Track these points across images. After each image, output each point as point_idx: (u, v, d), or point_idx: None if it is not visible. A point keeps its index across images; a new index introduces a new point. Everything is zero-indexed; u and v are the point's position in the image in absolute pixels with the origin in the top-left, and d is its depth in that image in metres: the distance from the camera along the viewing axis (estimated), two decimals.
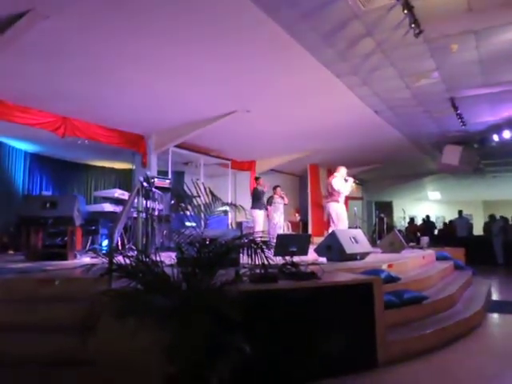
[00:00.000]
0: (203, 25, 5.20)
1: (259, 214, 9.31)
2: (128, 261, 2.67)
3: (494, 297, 6.75)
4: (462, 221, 15.01)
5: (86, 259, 5.86)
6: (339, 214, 7.78)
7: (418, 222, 16.97)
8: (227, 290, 2.57)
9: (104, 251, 5.76)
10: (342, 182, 7.83)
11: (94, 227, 7.72)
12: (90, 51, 5.71)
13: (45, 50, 5.59)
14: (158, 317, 2.40)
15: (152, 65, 6.24)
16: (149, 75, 6.58)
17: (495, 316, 5.50)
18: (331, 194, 7.88)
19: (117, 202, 8.24)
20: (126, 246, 6.63)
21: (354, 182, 8.21)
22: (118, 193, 8.51)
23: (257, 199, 9.39)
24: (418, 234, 12.56)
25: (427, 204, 21.66)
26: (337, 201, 7.79)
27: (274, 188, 9.73)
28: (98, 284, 2.68)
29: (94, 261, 2.82)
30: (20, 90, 6.83)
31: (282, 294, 3.27)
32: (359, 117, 9.05)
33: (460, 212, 15.17)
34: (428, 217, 16.61)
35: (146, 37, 5.43)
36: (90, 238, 7.80)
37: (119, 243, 6.71)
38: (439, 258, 7.80)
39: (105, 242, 7.81)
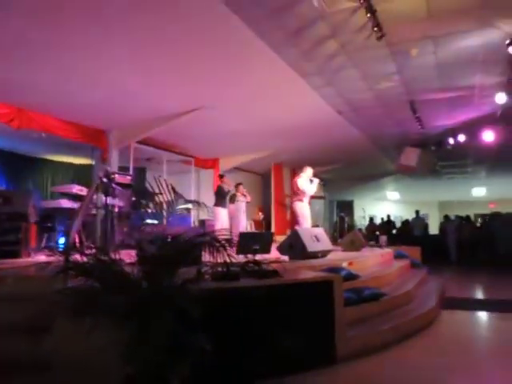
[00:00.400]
0: (167, 21, 5.11)
1: (222, 212, 9.26)
2: (85, 259, 2.58)
3: (448, 293, 7.01)
4: (419, 220, 15.54)
5: (41, 257, 5.65)
6: (303, 213, 7.89)
7: (378, 221, 17.44)
8: (188, 288, 2.54)
9: (60, 249, 5.57)
10: (308, 182, 7.94)
11: (50, 224, 7.43)
12: (48, 40, 5.47)
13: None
14: (116, 316, 2.34)
15: (114, 58, 6.07)
16: (111, 68, 6.39)
17: (449, 312, 5.71)
18: (296, 193, 7.99)
19: (75, 197, 7.95)
20: (84, 244, 6.43)
21: (319, 182, 8.36)
22: (77, 188, 8.23)
23: (221, 197, 9.34)
24: (377, 233, 12.93)
25: (386, 204, 22.34)
26: (301, 200, 7.90)
27: (237, 186, 9.71)
28: (53, 283, 2.58)
29: (50, 259, 2.71)
30: None
31: (244, 292, 3.27)
32: (322, 117, 9.17)
33: (417, 212, 15.70)
34: (388, 216, 17.10)
35: (107, 28, 5.27)
36: (46, 235, 7.50)
37: (77, 241, 6.49)
38: (397, 257, 8.04)
39: (61, 240, 7.55)
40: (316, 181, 8.07)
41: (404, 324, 4.48)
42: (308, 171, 8.05)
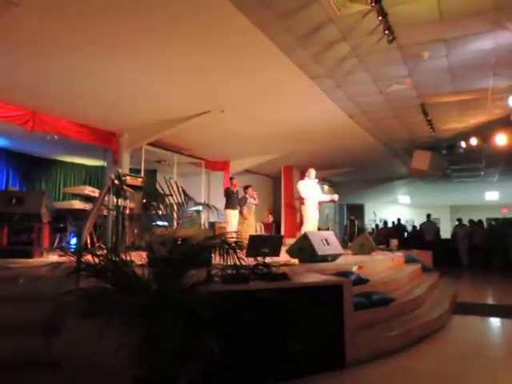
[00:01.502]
0: (177, 23, 5.15)
1: (231, 214, 9.28)
2: (97, 260, 2.61)
3: (460, 299, 6.94)
4: (430, 224, 15.41)
5: (53, 257, 5.71)
6: (305, 215, 7.89)
7: (389, 225, 17.34)
8: (198, 291, 2.55)
9: (72, 249, 5.62)
10: (308, 186, 7.94)
11: (62, 224, 7.52)
12: (62, 44, 5.54)
13: (13, 41, 5.39)
14: (127, 317, 2.35)
15: (126, 61, 6.13)
16: (122, 72, 6.46)
17: (460, 317, 5.66)
18: (300, 196, 8.06)
19: (87, 199, 8.06)
20: (96, 245, 6.49)
21: (319, 183, 8.37)
22: (88, 190, 8.33)
23: (228, 199, 9.37)
24: (388, 237, 12.83)
25: (397, 207, 22.17)
26: (303, 203, 7.94)
27: (246, 188, 9.71)
28: (65, 283, 2.61)
29: (62, 259, 2.74)
30: None
31: (254, 295, 3.27)
32: (333, 120, 9.15)
33: (428, 216, 15.57)
34: (399, 220, 16.99)
35: (120, 32, 5.33)
36: (58, 235, 7.59)
37: (88, 241, 6.56)
38: (408, 261, 7.98)
39: (73, 240, 7.63)
40: (314, 182, 8.04)
41: (414, 329, 4.44)
42: (311, 174, 8.07)
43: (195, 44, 5.70)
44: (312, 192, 7.99)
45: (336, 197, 8.65)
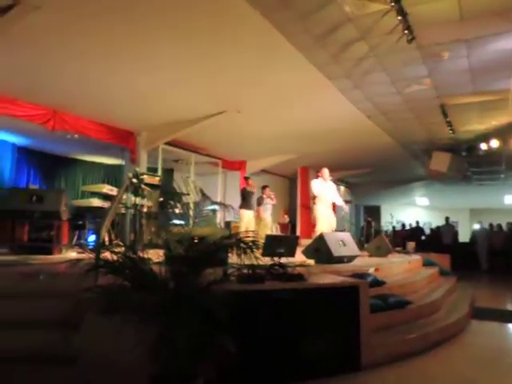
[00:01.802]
0: (194, 22, 5.18)
1: (245, 214, 9.30)
2: (115, 257, 2.64)
3: (478, 303, 6.82)
4: (449, 227, 15.18)
5: (72, 254, 5.81)
6: (318, 216, 7.86)
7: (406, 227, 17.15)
8: (214, 290, 2.57)
9: (91, 246, 5.70)
10: (321, 185, 7.87)
11: (81, 222, 7.64)
12: (80, 45, 5.64)
13: (34, 42, 5.49)
14: (144, 315, 2.38)
15: (143, 61, 6.19)
16: (140, 73, 6.53)
17: (478, 323, 5.56)
18: (313, 194, 8.00)
19: (105, 197, 8.16)
20: (113, 242, 6.57)
21: (335, 183, 8.30)
22: (107, 188, 8.44)
23: (244, 199, 9.39)
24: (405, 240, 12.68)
25: (415, 210, 21.88)
26: (315, 203, 7.88)
27: (263, 188, 9.73)
28: (84, 280, 2.65)
29: (80, 256, 2.79)
30: (9, 82, 6.72)
31: (269, 295, 3.27)
32: (350, 120, 9.09)
33: (447, 219, 15.34)
34: (417, 222, 16.77)
35: (137, 33, 5.38)
36: (77, 232, 7.71)
37: (106, 239, 6.65)
38: (425, 264, 7.88)
39: (91, 238, 7.74)
40: (328, 182, 7.97)
41: (431, 333, 4.38)
42: (324, 173, 8.00)
43: (212, 45, 5.73)
44: (325, 191, 7.91)
45: (346, 208, 8.54)
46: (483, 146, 10.61)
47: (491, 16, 5.02)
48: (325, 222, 7.80)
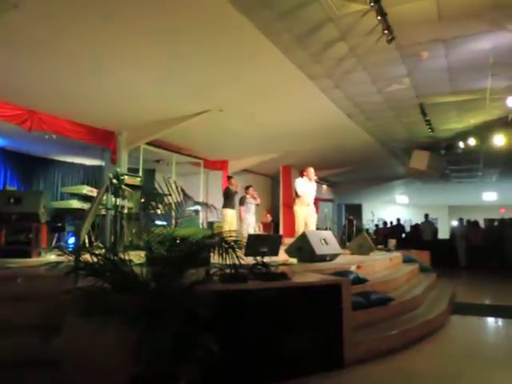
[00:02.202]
0: (176, 23, 5.14)
1: (229, 213, 9.29)
2: (95, 259, 2.60)
3: (458, 299, 6.95)
4: (428, 224, 15.43)
5: (51, 257, 5.70)
6: (298, 216, 7.82)
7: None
8: (197, 290, 2.55)
9: (70, 249, 5.60)
10: (304, 184, 7.84)
11: (60, 224, 7.50)
12: (57, 43, 5.52)
13: (8, 41, 5.37)
14: (125, 316, 2.35)
15: (124, 61, 6.12)
16: (119, 71, 6.44)
17: (458, 318, 5.67)
18: (296, 194, 7.92)
19: (85, 198, 8.03)
20: (94, 244, 6.48)
21: (318, 182, 8.26)
22: (87, 189, 8.31)
23: (228, 198, 9.37)
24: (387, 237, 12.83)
25: (395, 207, 22.19)
26: (295, 203, 7.87)
27: (247, 188, 9.74)
28: (63, 282, 2.60)
29: (60, 259, 2.74)
30: None
31: (252, 294, 3.27)
32: (331, 119, 9.16)
33: (426, 216, 15.59)
34: (398, 220, 17.01)
35: (118, 33, 5.32)
36: (56, 235, 7.58)
37: (86, 241, 6.55)
38: (406, 261, 7.99)
39: (71, 240, 7.61)
40: (312, 182, 7.93)
41: (412, 329, 4.45)
42: (310, 173, 7.97)
43: (193, 43, 5.68)
44: (308, 191, 7.89)
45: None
46: (461, 145, 10.83)
47: (469, 16, 5.11)
48: (302, 222, 7.76)
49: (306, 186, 7.90)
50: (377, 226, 17.14)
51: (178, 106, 8.24)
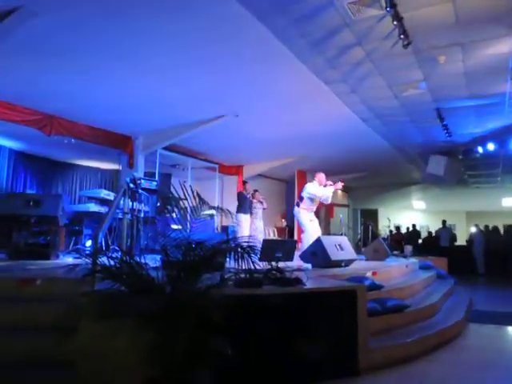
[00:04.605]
0: (193, 28, 5.20)
1: (242, 218, 9.28)
2: (112, 262, 2.64)
3: (476, 306, 6.82)
4: (445, 230, 15.20)
5: (69, 259, 5.78)
6: (304, 223, 7.32)
7: (403, 230, 17.14)
8: (212, 294, 2.56)
9: (87, 252, 5.67)
10: (316, 189, 7.23)
11: (78, 227, 7.62)
12: (78, 50, 5.65)
13: (32, 48, 5.51)
14: (141, 319, 2.38)
15: (141, 66, 6.21)
16: (137, 76, 6.54)
17: (476, 326, 5.56)
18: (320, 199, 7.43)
19: (102, 202, 8.15)
20: (110, 248, 6.56)
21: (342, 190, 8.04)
22: (104, 193, 8.43)
23: (241, 203, 9.37)
24: (403, 243, 12.70)
25: (412, 213, 21.88)
26: (304, 208, 7.31)
27: (253, 193, 9.64)
28: (81, 285, 2.65)
29: (78, 261, 2.78)
30: (6, 87, 6.72)
31: (267, 299, 3.27)
32: (347, 124, 9.12)
33: (444, 222, 15.36)
34: (414, 226, 16.79)
35: (135, 36, 5.39)
36: (74, 238, 7.69)
37: (103, 244, 6.63)
38: (422, 267, 7.89)
39: (88, 243, 7.71)
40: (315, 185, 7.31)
41: (429, 337, 4.38)
42: (322, 178, 7.31)
43: (209, 49, 5.74)
44: (318, 197, 7.44)
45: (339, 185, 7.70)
46: (480, 150, 10.66)
47: (486, 20, 5.06)
48: (310, 228, 7.21)
49: (318, 191, 7.44)
50: (391, 231, 16.95)
51: (193, 112, 8.32)
